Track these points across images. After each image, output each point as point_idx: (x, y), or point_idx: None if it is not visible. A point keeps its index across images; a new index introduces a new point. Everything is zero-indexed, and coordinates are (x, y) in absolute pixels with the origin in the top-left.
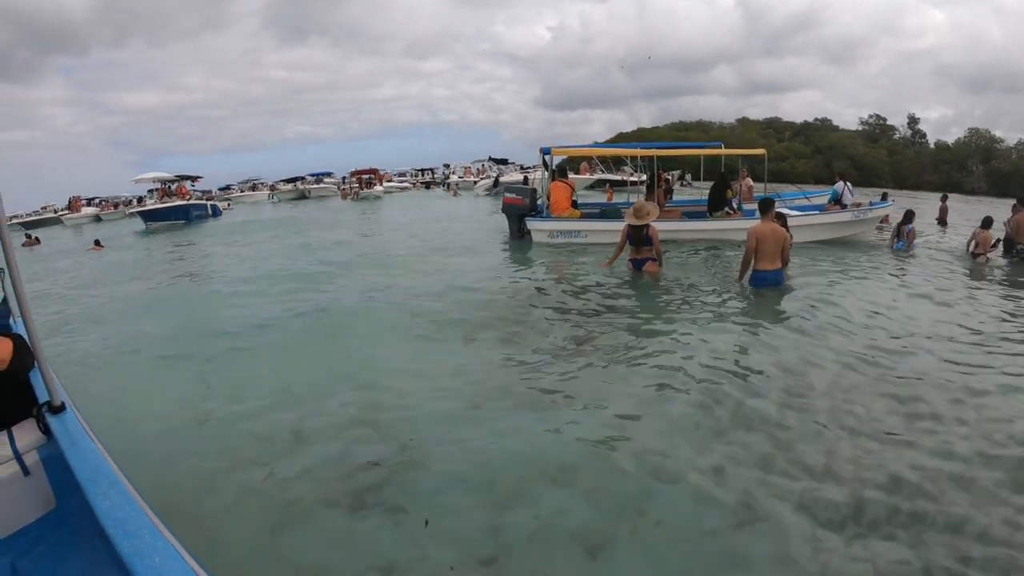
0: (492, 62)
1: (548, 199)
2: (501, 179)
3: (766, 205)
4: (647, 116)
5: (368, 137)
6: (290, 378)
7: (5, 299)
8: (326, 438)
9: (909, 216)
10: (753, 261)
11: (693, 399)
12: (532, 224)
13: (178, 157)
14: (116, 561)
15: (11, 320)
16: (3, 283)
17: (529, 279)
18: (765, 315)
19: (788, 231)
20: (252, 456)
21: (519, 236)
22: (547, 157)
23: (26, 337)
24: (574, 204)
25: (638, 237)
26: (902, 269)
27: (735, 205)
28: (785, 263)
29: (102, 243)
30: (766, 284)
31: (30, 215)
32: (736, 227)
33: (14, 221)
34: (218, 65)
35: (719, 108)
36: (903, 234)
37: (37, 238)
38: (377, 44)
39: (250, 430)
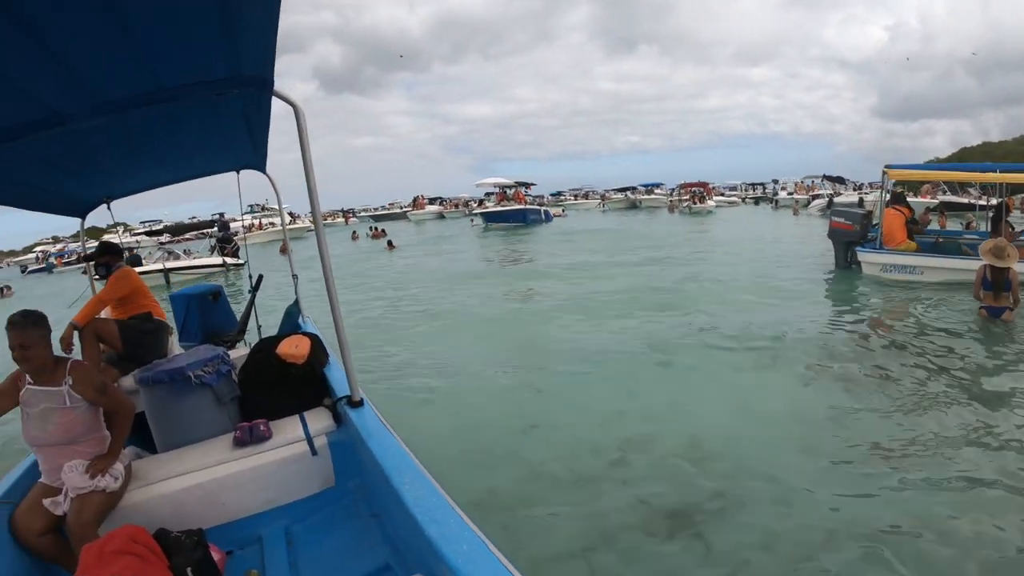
0: (823, 68)
1: (881, 227)
2: (836, 199)
3: None
4: (995, 127)
5: (695, 148)
6: (619, 401)
7: (297, 300)
8: (651, 465)
9: None
10: None
11: None
12: (863, 255)
13: (511, 162)
14: (391, 543)
15: (301, 319)
16: (296, 287)
17: (865, 318)
18: None
19: None
20: (572, 471)
21: (846, 265)
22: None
23: (339, 336)
24: (911, 234)
25: (999, 281)
26: None
27: None
28: None
29: (395, 244)
30: None
31: (377, 209)
32: None
33: (364, 214)
34: (549, 77)
35: None
36: None
37: (383, 230)
38: (705, 51)
39: (575, 448)
